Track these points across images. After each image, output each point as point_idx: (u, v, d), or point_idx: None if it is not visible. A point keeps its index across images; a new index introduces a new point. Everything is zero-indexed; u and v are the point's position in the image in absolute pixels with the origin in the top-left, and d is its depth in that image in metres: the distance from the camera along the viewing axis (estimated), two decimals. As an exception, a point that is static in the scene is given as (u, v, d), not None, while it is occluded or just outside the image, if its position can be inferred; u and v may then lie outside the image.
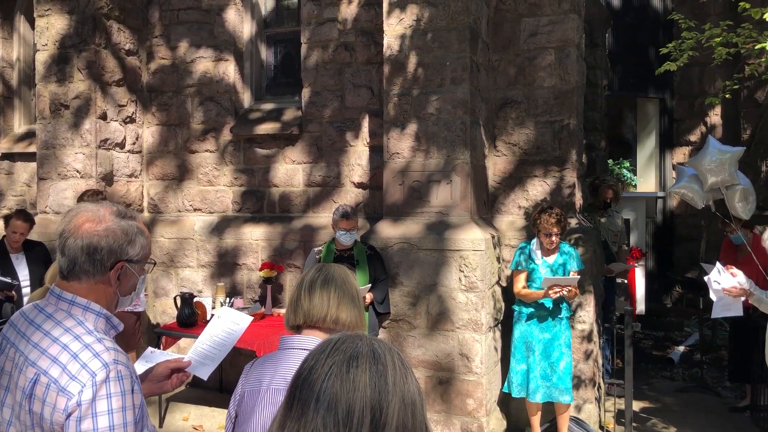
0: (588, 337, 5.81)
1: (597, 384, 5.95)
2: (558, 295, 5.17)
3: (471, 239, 5.36)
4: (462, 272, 5.38)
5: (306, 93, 6.51)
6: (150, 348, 2.62)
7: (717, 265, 4.96)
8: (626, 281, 7.73)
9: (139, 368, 2.24)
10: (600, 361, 6.14)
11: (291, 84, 6.89)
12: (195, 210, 6.95)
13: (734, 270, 4.89)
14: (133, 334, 5.85)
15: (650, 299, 10.20)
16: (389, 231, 5.67)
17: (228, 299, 6.24)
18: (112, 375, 1.63)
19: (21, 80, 8.03)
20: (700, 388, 7.17)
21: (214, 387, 6.47)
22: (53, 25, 6.64)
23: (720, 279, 4.88)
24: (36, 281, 5.53)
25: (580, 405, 5.79)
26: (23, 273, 5.62)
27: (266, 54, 7.08)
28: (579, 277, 5.30)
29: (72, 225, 1.78)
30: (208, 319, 5.94)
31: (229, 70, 6.83)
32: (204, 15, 6.91)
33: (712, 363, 8.02)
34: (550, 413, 5.52)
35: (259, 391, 2.06)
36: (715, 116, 10.27)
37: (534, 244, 5.42)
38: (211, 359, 2.48)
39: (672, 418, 6.26)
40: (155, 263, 2.02)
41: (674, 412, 6.45)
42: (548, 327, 5.34)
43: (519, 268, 5.45)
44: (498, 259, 5.85)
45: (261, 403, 2.03)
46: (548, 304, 5.31)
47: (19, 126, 8.03)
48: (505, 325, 5.80)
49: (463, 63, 5.53)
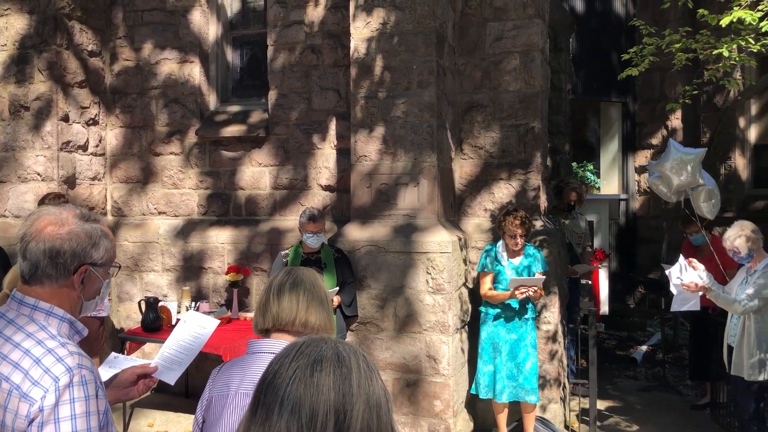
0: (553, 338, 5.89)
1: (562, 384, 6.03)
2: (524, 296, 5.24)
3: (438, 242, 5.39)
4: (429, 274, 5.41)
5: (272, 95, 6.48)
6: (113, 353, 2.58)
7: (680, 260, 5.07)
8: (590, 282, 7.84)
9: (103, 374, 2.21)
10: (565, 361, 6.23)
11: (257, 86, 6.85)
12: (160, 213, 6.87)
13: (696, 263, 5.00)
14: (97, 340, 5.75)
15: (614, 300, 10.36)
16: (357, 234, 5.67)
17: (194, 303, 6.18)
18: (76, 380, 1.60)
19: (-21, 81, 7.85)
20: (663, 387, 7.31)
21: (180, 392, 6.39)
22: (12, 25, 6.51)
23: (681, 274, 5.00)
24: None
25: (546, 405, 5.86)
26: (-18, 278, 5.48)
27: (232, 56, 7.04)
28: (544, 278, 5.37)
29: (34, 228, 1.75)
30: (174, 324, 5.87)
31: (195, 72, 6.76)
32: (169, 16, 6.83)
33: (674, 362, 8.18)
34: (517, 413, 5.58)
35: (227, 396, 2.05)
36: (676, 120, 10.50)
37: (500, 246, 5.48)
38: (178, 364, 2.46)
39: (635, 417, 6.38)
40: (120, 267, 1.99)
41: (637, 411, 6.57)
42: (514, 328, 5.40)
43: (485, 270, 5.51)
44: (465, 261, 5.90)
45: (229, 408, 2.02)
46: (514, 305, 5.37)
47: (-22, 128, 7.84)
48: (472, 327, 5.85)
49: (430, 66, 5.56)
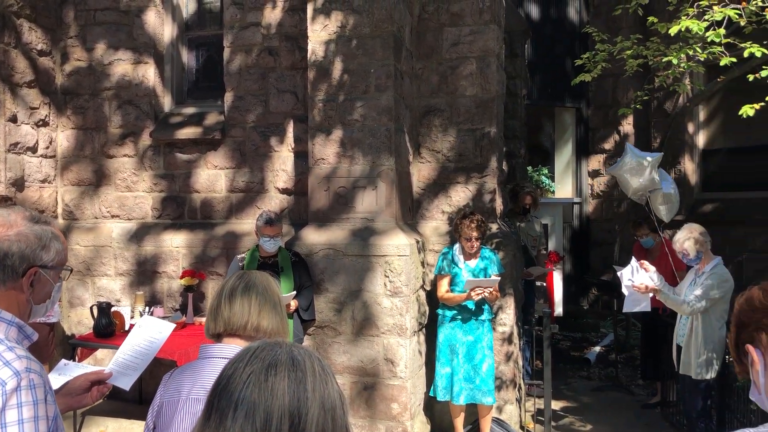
0: (509, 339, 5.97)
1: (517, 385, 6.11)
2: (480, 297, 5.30)
3: (396, 245, 5.41)
4: (387, 277, 5.42)
5: (229, 97, 6.42)
6: (63, 360, 2.52)
7: (632, 262, 5.20)
8: (545, 284, 7.97)
9: (53, 381, 2.16)
10: (520, 363, 6.31)
11: (213, 88, 6.77)
12: (113, 217, 6.73)
13: (647, 265, 5.13)
14: (46, 346, 5.61)
15: (568, 301, 10.53)
16: (314, 237, 5.66)
17: (147, 308, 6.08)
18: (24, 383, 1.56)
19: None
20: (615, 387, 7.47)
21: (133, 399, 6.27)
22: (-42, 23, 6.31)
23: (633, 276, 5.12)
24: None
25: (502, 406, 5.93)
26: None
27: (188, 57, 6.95)
28: (500, 279, 5.44)
29: (-20, 231, 1.70)
30: (127, 329, 5.77)
31: (149, 73, 6.66)
32: (122, 16, 6.71)
33: (626, 362, 8.36)
34: (473, 415, 5.63)
35: (178, 402, 2.02)
36: (628, 125, 10.74)
37: (456, 249, 5.53)
38: (134, 369, 2.42)
39: (589, 416, 6.50)
40: (71, 270, 1.95)
41: (591, 411, 6.70)
42: (471, 329, 5.45)
43: (442, 273, 5.55)
44: (422, 264, 5.93)
45: (180, 414, 1.99)
46: (471, 306, 5.42)
47: None
48: (430, 329, 5.88)
49: (387, 70, 5.59)
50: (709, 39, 5.04)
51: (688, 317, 5.02)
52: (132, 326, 5.69)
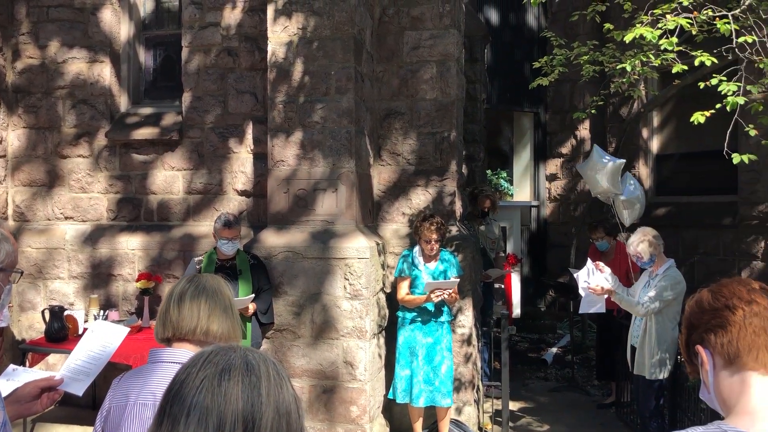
0: (468, 341, 6.01)
1: (476, 386, 6.16)
2: (440, 299, 5.33)
3: (356, 247, 5.41)
4: (347, 280, 5.42)
5: (187, 98, 6.34)
6: (12, 365, 2.45)
7: (588, 264, 5.29)
8: (503, 286, 8.05)
9: (2, 387, 2.10)
10: (479, 364, 6.37)
11: (171, 88, 6.68)
12: (66, 218, 6.58)
13: (603, 266, 5.23)
14: (-5, 352, 5.46)
15: (525, 303, 10.67)
16: (273, 240, 5.62)
17: (102, 312, 5.96)
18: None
19: None
20: (571, 387, 7.59)
21: (87, 404, 6.13)
22: None
23: (588, 278, 5.21)
24: None
25: (460, 407, 5.97)
26: None
27: (145, 57, 6.84)
28: (459, 280, 5.48)
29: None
30: (80, 334, 5.65)
31: (105, 73, 6.53)
32: (77, 13, 6.57)
33: (582, 363, 8.50)
34: (432, 417, 5.66)
35: (126, 406, 1.98)
36: (584, 130, 10.93)
37: (416, 251, 5.56)
38: (86, 374, 2.37)
39: (546, 417, 6.59)
40: (22, 273, 1.90)
41: (548, 411, 6.79)
42: (431, 331, 5.48)
43: (402, 275, 5.57)
44: (383, 266, 5.94)
45: (127, 419, 1.96)
46: (430, 308, 5.45)
47: None
48: (390, 332, 5.89)
49: (348, 73, 5.58)
50: (663, 47, 5.16)
51: (642, 319, 5.13)
52: (86, 330, 5.58)
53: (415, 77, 6.18)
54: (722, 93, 4.95)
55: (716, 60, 5.24)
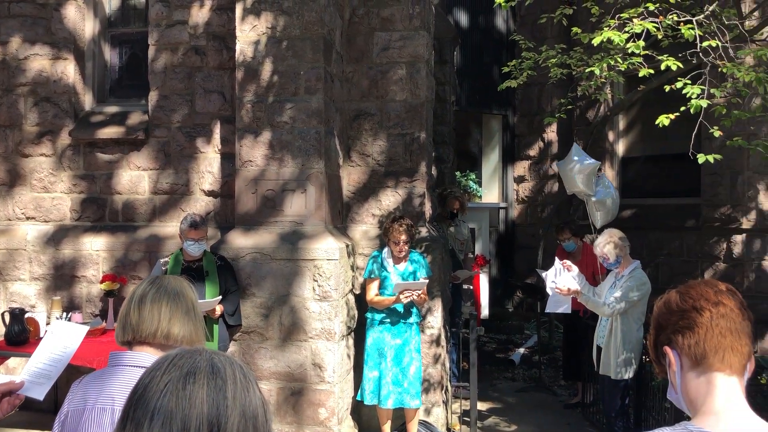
0: (436, 342, 6.02)
1: (444, 387, 6.18)
2: (409, 300, 5.33)
3: (325, 249, 5.38)
4: (316, 281, 5.38)
5: (153, 97, 6.25)
6: (-31, 370, 2.38)
7: (556, 263, 5.33)
8: (471, 287, 8.09)
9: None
10: (447, 365, 6.38)
11: (137, 87, 6.57)
12: (28, 218, 6.43)
13: (570, 264, 5.28)
14: (-47, 355, 5.31)
15: (494, 304, 10.75)
16: (241, 241, 5.56)
17: (65, 314, 5.84)
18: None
19: None
20: (539, 388, 7.65)
21: (48, 409, 5.99)
22: None
23: (556, 277, 5.26)
24: None
25: (429, 408, 5.97)
26: None
27: (110, 54, 6.72)
28: (428, 281, 5.49)
29: None
30: (42, 336, 5.53)
31: (69, 70, 6.40)
32: (39, 9, 6.43)
33: (549, 363, 8.57)
34: (401, 418, 5.65)
35: (84, 411, 1.93)
36: (552, 133, 11.05)
37: (385, 253, 5.55)
38: (47, 377, 2.31)
39: (513, 417, 6.63)
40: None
41: (515, 411, 6.83)
42: (400, 333, 5.47)
43: (371, 276, 5.56)
44: (352, 268, 5.92)
45: (85, 424, 1.91)
46: (400, 309, 5.45)
47: None
48: (358, 333, 5.87)
49: (318, 73, 5.56)
50: (629, 50, 5.23)
51: (608, 319, 5.19)
52: (47, 333, 5.47)
53: (385, 78, 6.17)
54: (687, 96, 5.04)
55: (681, 64, 5.34)
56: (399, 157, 6.18)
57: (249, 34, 5.65)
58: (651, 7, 5.36)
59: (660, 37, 5.49)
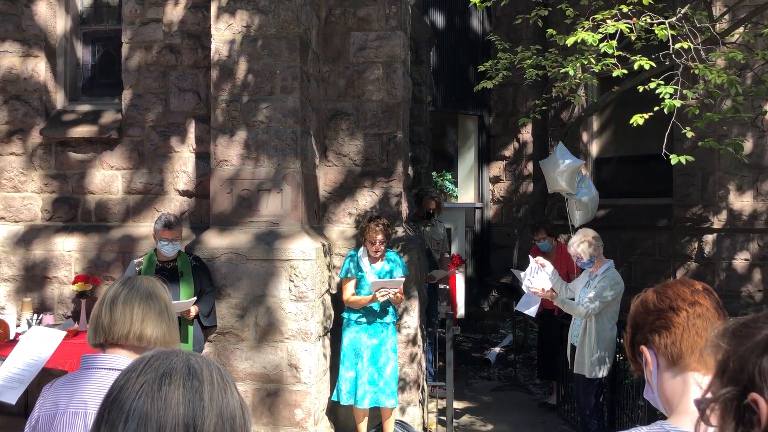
0: (413, 341, 6.03)
1: (421, 386, 6.18)
2: (385, 298, 5.33)
3: (301, 249, 5.36)
4: (292, 282, 5.36)
5: (127, 95, 6.17)
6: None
7: (531, 263, 5.37)
8: (448, 287, 8.12)
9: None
10: (424, 364, 6.39)
11: (110, 85, 6.48)
12: (-3, 218, 6.32)
13: (544, 261, 5.32)
14: None
15: (469, 303, 10.79)
16: (216, 241, 5.52)
17: (36, 316, 5.74)
18: None
19: None
20: (514, 386, 7.70)
21: (19, 412, 5.87)
22: None
23: (532, 276, 5.29)
24: None
25: (405, 407, 5.98)
26: None
27: (83, 52, 6.62)
28: (404, 279, 5.50)
29: None
30: (12, 339, 5.43)
31: (40, 68, 6.30)
32: (8, 5, 6.31)
33: (524, 362, 8.63)
34: (377, 418, 5.65)
35: (55, 415, 1.89)
36: (527, 134, 11.12)
37: (362, 252, 5.55)
38: (20, 381, 2.28)
39: (489, 416, 6.66)
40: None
41: (491, 410, 6.87)
42: (376, 332, 5.47)
43: (348, 276, 5.55)
44: (329, 268, 5.90)
45: (57, 429, 1.87)
46: (376, 308, 5.45)
47: None
48: (335, 333, 5.86)
49: (294, 72, 5.53)
50: (603, 50, 5.29)
51: (582, 318, 5.24)
52: (18, 335, 5.37)
53: (362, 78, 6.17)
54: (660, 96, 5.10)
55: (654, 65, 5.40)
56: (376, 157, 6.18)
57: (224, 33, 5.61)
58: (625, 9, 5.42)
59: (633, 39, 5.56)
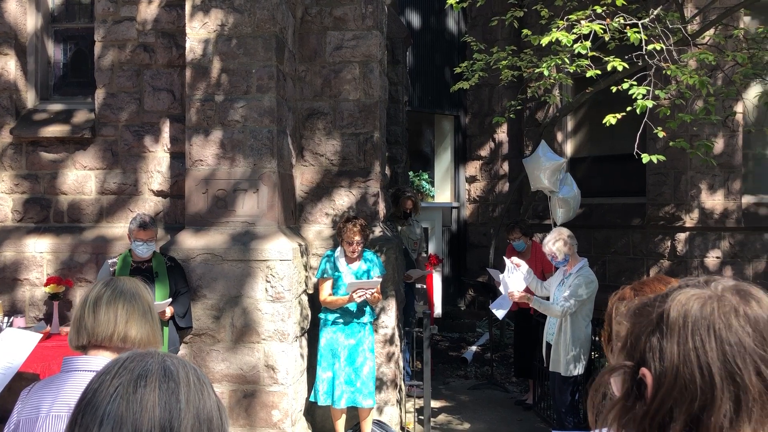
0: (390, 341, 6.03)
1: (398, 386, 6.19)
2: (362, 298, 5.32)
3: (278, 249, 5.33)
4: (269, 282, 5.33)
5: (100, 94, 6.09)
6: None
7: (507, 263, 5.40)
8: (425, 286, 8.13)
9: None
10: (401, 364, 6.40)
11: (83, 84, 6.40)
12: (-33, 219, 6.20)
13: (518, 260, 5.36)
14: None
15: (446, 303, 10.83)
16: (191, 242, 5.47)
17: (6, 318, 5.64)
18: None
19: None
20: (491, 385, 7.74)
21: (-10, 417, 5.80)
22: None
23: (508, 278, 5.33)
24: None
25: (382, 407, 5.98)
26: None
27: (54, 51, 6.53)
28: (381, 279, 5.50)
29: None
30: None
31: (9, 66, 6.20)
32: (-21, 3, 6.21)
33: (501, 361, 8.68)
34: (355, 418, 5.64)
35: (37, 419, 1.86)
36: (502, 134, 11.19)
37: (338, 252, 5.54)
38: None
39: (466, 414, 6.69)
40: None
41: (468, 409, 6.90)
42: (353, 333, 5.47)
43: (325, 276, 5.54)
44: (305, 268, 5.88)
45: None
46: (353, 308, 5.44)
47: None
48: (312, 333, 5.84)
49: (270, 71, 5.50)
50: (577, 51, 5.34)
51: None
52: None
53: (338, 77, 6.15)
54: (633, 97, 5.17)
55: (627, 66, 5.47)
56: (353, 157, 6.17)
57: (199, 32, 5.56)
58: (599, 10, 5.48)
59: (607, 39, 5.62)
